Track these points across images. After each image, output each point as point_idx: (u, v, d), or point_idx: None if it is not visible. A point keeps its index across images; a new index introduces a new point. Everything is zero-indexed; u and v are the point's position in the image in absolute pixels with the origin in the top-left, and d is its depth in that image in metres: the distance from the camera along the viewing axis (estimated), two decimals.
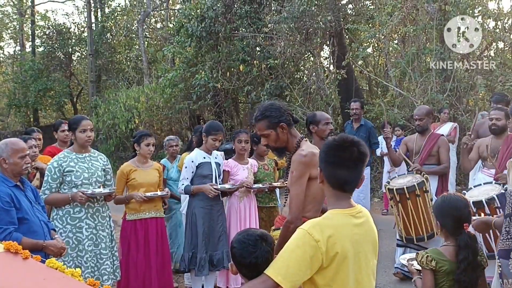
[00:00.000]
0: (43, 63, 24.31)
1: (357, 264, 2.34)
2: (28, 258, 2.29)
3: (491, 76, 11.90)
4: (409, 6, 12.50)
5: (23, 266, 2.25)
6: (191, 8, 15.03)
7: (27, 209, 3.80)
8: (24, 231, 3.67)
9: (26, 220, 3.75)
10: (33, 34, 27.06)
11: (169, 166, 6.58)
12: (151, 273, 5.23)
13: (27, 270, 2.24)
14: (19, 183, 3.88)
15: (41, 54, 25.64)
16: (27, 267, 2.26)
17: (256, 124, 3.54)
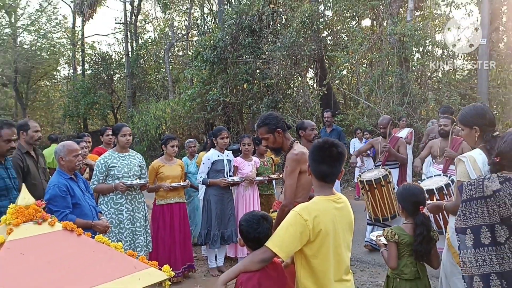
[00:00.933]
0: (90, 83, 24.38)
1: (337, 239, 2.34)
2: (81, 235, 2.29)
3: (439, 92, 11.90)
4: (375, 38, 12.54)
5: (77, 241, 2.25)
6: (205, 40, 15.06)
7: (79, 197, 3.80)
8: (77, 214, 3.68)
9: (78, 205, 3.75)
10: (83, 60, 27.20)
11: (188, 162, 6.58)
12: (176, 246, 5.22)
13: (80, 244, 2.24)
14: (73, 176, 3.87)
15: (89, 76, 25.77)
16: (80, 242, 2.25)
17: (258, 129, 3.55)
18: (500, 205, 2.52)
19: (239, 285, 2.28)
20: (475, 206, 2.60)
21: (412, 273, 3.05)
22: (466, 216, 2.63)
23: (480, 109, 3.05)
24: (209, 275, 5.54)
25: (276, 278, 2.40)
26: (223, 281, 2.29)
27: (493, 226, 2.55)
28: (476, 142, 3.01)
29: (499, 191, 2.53)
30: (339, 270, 2.36)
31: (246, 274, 2.28)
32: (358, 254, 6.09)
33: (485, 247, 2.57)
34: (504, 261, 2.53)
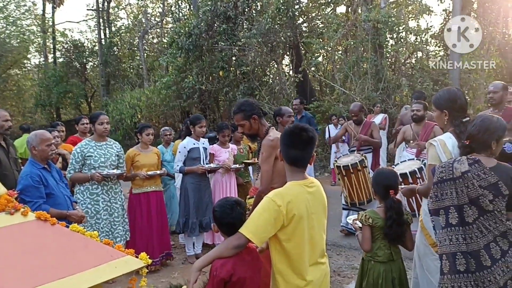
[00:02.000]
0: (63, 71, 23.88)
1: (310, 223, 2.36)
2: (55, 224, 2.25)
3: (412, 78, 12.07)
4: (350, 25, 12.60)
5: (52, 230, 2.22)
6: (180, 27, 14.87)
7: (53, 186, 3.74)
8: (51, 204, 3.62)
9: (52, 195, 3.69)
10: (54, 48, 26.60)
11: (164, 150, 6.54)
12: (153, 234, 5.20)
13: (55, 234, 2.21)
14: (46, 165, 3.80)
15: (61, 64, 25.24)
16: (54, 231, 2.22)
17: (234, 116, 3.55)
18: (468, 186, 2.60)
19: (213, 271, 2.29)
20: (446, 188, 2.67)
21: (386, 256, 3.11)
22: (438, 198, 2.70)
23: (453, 94, 3.12)
24: (187, 263, 5.54)
25: (251, 263, 2.41)
26: (198, 267, 2.29)
27: (462, 206, 2.62)
28: (446, 126, 3.09)
29: (468, 172, 2.60)
30: (314, 254, 2.39)
31: (221, 260, 2.29)
32: (334, 238, 6.19)
33: (452, 227, 2.65)
34: (472, 241, 2.61)
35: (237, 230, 2.29)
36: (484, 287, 2.59)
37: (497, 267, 2.59)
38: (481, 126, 2.66)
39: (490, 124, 2.66)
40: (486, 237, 2.60)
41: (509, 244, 2.64)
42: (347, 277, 4.90)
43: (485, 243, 2.60)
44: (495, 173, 2.60)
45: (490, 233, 2.60)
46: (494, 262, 2.59)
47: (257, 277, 2.45)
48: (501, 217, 2.60)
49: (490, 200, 2.57)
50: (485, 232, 2.60)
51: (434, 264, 3.06)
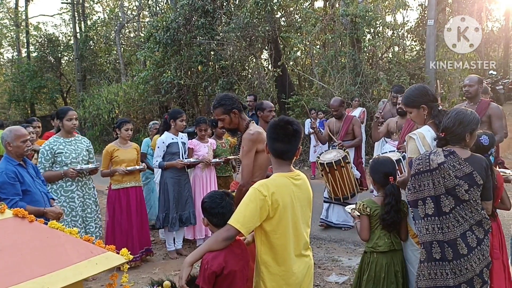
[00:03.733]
0: (37, 66, 23.34)
1: (295, 215, 2.38)
2: (33, 221, 2.21)
3: (390, 72, 12.22)
4: (328, 19, 12.65)
5: (30, 227, 2.18)
6: (158, 21, 14.71)
7: (29, 183, 3.66)
8: (28, 201, 3.55)
9: (29, 192, 3.62)
10: (28, 42, 26.00)
11: (150, 143, 6.48)
12: (133, 230, 5.15)
13: (33, 231, 2.17)
14: (22, 162, 3.72)
15: (35, 58, 24.64)
16: (33, 229, 2.18)
17: (214, 110, 3.53)
18: (444, 176, 2.67)
19: (204, 264, 2.29)
20: (423, 179, 2.74)
21: (387, 245, 3.11)
22: (416, 189, 2.77)
23: (422, 88, 3.20)
24: (168, 258, 5.52)
25: (241, 255, 2.43)
26: (189, 262, 2.29)
27: (438, 197, 2.70)
28: (425, 120, 3.14)
29: (444, 163, 2.68)
30: (298, 245, 2.42)
31: (212, 253, 2.30)
32: (314, 231, 6.22)
33: (429, 217, 2.73)
34: (449, 230, 2.69)
35: (227, 221, 2.30)
36: (461, 274, 2.67)
37: (473, 255, 2.67)
38: (455, 119, 2.73)
39: (464, 117, 2.73)
40: (462, 226, 2.68)
41: (484, 233, 2.72)
42: (327, 270, 4.96)
43: (462, 232, 2.68)
44: (470, 163, 2.68)
45: (466, 222, 2.68)
46: (470, 250, 2.66)
47: (246, 270, 2.48)
48: (477, 206, 2.68)
49: (466, 190, 2.65)
50: (462, 221, 2.68)
51: (414, 255, 3.12)
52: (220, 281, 2.31)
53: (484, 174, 2.70)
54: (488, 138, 3.13)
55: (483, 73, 18.02)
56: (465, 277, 2.67)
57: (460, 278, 2.67)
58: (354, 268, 4.78)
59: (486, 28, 19.66)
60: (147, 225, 5.49)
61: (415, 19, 15.09)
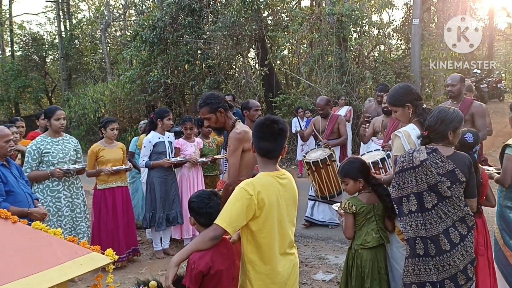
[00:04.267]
0: (21, 65, 22.96)
1: (281, 214, 2.40)
2: (17, 222, 2.19)
3: (376, 70, 12.30)
4: (314, 18, 12.69)
5: (13, 228, 2.15)
6: (144, 19, 14.62)
7: (13, 184, 3.61)
8: (11, 201, 3.49)
9: (12, 192, 3.57)
10: (12, 41, 25.58)
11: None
12: (119, 230, 5.12)
13: (17, 232, 2.15)
14: (5, 162, 3.67)
15: (19, 57, 24.27)
16: (16, 229, 2.16)
17: (200, 109, 3.53)
18: (427, 173, 2.72)
19: (191, 264, 2.29)
20: (406, 176, 2.79)
21: (375, 240, 3.12)
22: (400, 186, 2.82)
23: (406, 87, 3.24)
24: (155, 258, 5.50)
25: (227, 255, 2.44)
26: (176, 262, 2.28)
27: (421, 193, 2.74)
28: (410, 119, 3.17)
29: (426, 160, 2.72)
30: (283, 244, 2.43)
31: (199, 253, 2.30)
32: (301, 229, 6.26)
33: (413, 213, 2.77)
34: (432, 226, 2.73)
35: (214, 221, 2.30)
36: (444, 270, 2.71)
37: (457, 251, 2.71)
38: (438, 118, 2.78)
39: (446, 115, 2.78)
40: (445, 222, 2.72)
41: (468, 229, 2.77)
42: (314, 267, 4.98)
43: (444, 228, 2.72)
44: (452, 161, 2.73)
45: (449, 219, 2.72)
46: (453, 246, 2.70)
47: (232, 270, 2.48)
48: (459, 203, 2.72)
49: (448, 186, 2.69)
50: (444, 217, 2.72)
51: (399, 252, 3.15)
52: (207, 280, 2.31)
53: (467, 172, 2.75)
54: (473, 136, 3.17)
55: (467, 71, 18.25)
56: (448, 273, 2.71)
57: (443, 274, 2.71)
58: (341, 265, 4.81)
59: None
60: (133, 225, 5.46)
61: (400, 18, 15.21)
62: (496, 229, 3.53)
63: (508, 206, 3.42)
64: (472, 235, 2.81)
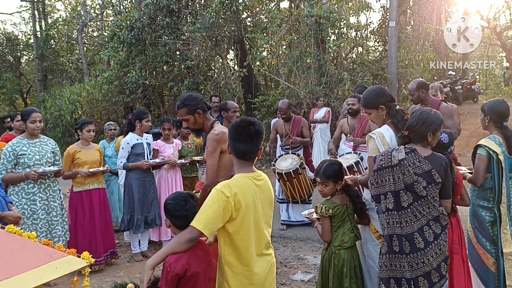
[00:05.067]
0: None
1: (257, 215, 2.40)
2: None
3: (354, 72, 12.44)
4: (293, 19, 12.75)
5: None
6: (122, 20, 14.47)
7: None
8: None
9: None
10: None
11: (106, 145, 6.40)
12: (96, 233, 5.08)
13: None
14: None
15: None
16: None
17: (178, 111, 3.53)
18: (404, 172, 2.77)
19: (167, 267, 2.27)
20: (384, 175, 2.84)
21: (352, 239, 3.19)
22: (378, 184, 2.87)
23: (379, 89, 3.31)
24: (133, 261, 5.46)
25: (204, 257, 2.43)
26: (151, 265, 2.26)
27: (398, 192, 2.80)
28: (384, 120, 3.23)
29: (404, 160, 2.78)
30: (260, 245, 2.44)
31: (175, 256, 2.28)
32: (280, 230, 6.30)
33: (389, 211, 2.82)
34: (407, 224, 2.79)
35: (190, 222, 2.29)
36: (418, 268, 2.77)
37: (430, 249, 2.77)
38: (419, 119, 2.83)
39: (427, 117, 2.84)
40: (419, 221, 2.78)
41: (441, 228, 2.83)
42: (293, 268, 5.01)
43: (419, 227, 2.78)
44: (429, 162, 2.79)
45: (424, 217, 2.78)
46: (427, 244, 2.76)
47: (208, 271, 2.47)
48: (434, 203, 2.79)
49: (424, 186, 2.75)
50: (419, 216, 2.78)
51: (375, 250, 3.20)
52: (183, 283, 2.30)
53: (443, 173, 2.81)
54: (448, 136, 3.25)
55: (443, 73, 18.62)
56: (422, 271, 2.77)
57: (417, 271, 2.77)
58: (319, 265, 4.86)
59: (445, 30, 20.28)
60: (111, 227, 5.41)
61: (377, 21, 15.43)
62: (470, 227, 3.62)
63: (480, 205, 3.51)
64: (446, 234, 2.87)
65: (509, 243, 3.41)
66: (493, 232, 3.44)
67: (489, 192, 3.45)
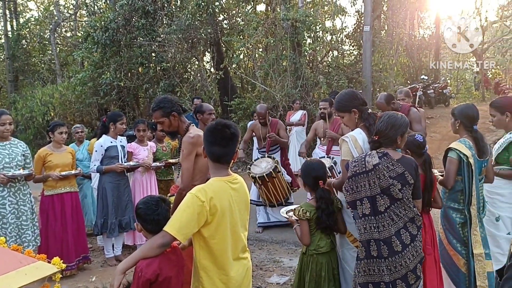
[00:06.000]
0: None
1: (233, 219, 2.39)
2: None
3: (329, 75, 12.58)
4: (269, 23, 12.82)
5: None
6: (96, 20, 14.25)
7: None
8: None
9: None
10: None
11: (76, 149, 6.28)
12: (68, 238, 4.98)
13: None
14: None
15: None
16: None
17: (153, 113, 3.49)
18: (380, 177, 2.81)
19: (138, 272, 2.23)
20: (359, 180, 2.87)
21: (328, 245, 3.22)
22: (354, 190, 2.89)
23: (351, 92, 3.35)
24: (106, 266, 5.37)
25: (176, 261, 2.41)
26: (122, 269, 2.22)
27: (374, 197, 2.83)
28: (357, 123, 3.27)
29: (378, 164, 2.82)
30: (236, 249, 2.43)
31: (146, 260, 2.25)
32: (256, 233, 6.30)
33: (366, 216, 2.86)
34: (385, 228, 2.83)
35: (162, 227, 2.26)
36: (396, 271, 2.81)
37: (408, 251, 2.82)
38: (388, 123, 2.89)
39: (395, 120, 2.90)
40: (396, 224, 2.83)
41: (417, 229, 2.89)
42: (269, 271, 5.02)
43: (396, 230, 2.83)
44: (401, 164, 2.84)
45: (401, 220, 2.83)
46: (404, 247, 2.81)
47: (181, 276, 2.45)
48: (409, 204, 2.85)
49: (399, 189, 2.80)
50: (396, 219, 2.83)
51: (350, 254, 3.24)
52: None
53: (414, 174, 2.88)
54: (421, 136, 3.34)
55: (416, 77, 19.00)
56: (399, 274, 2.81)
57: (395, 275, 2.81)
58: (295, 268, 4.86)
59: (418, 35, 20.72)
60: (83, 231, 5.32)
61: (352, 25, 15.66)
62: (441, 229, 3.69)
63: (451, 207, 3.58)
64: (421, 234, 2.94)
65: (479, 244, 3.49)
66: (464, 234, 3.52)
67: (460, 194, 3.52)
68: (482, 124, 8.62)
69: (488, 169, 3.60)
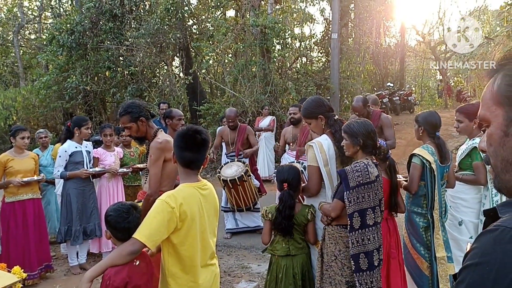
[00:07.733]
0: None
1: (202, 225, 2.38)
2: None
3: (298, 82, 12.71)
4: (239, 28, 12.86)
5: None
6: (61, 23, 13.94)
7: None
8: None
9: None
10: None
11: (40, 154, 6.11)
12: (30, 246, 4.83)
13: None
14: None
15: None
16: None
17: (120, 118, 3.45)
18: (378, 188, 2.87)
19: (106, 280, 2.19)
20: (363, 191, 2.81)
21: (283, 250, 3.22)
22: (355, 201, 2.82)
23: (318, 99, 3.40)
24: (70, 274, 5.23)
25: (145, 269, 2.38)
26: (89, 277, 2.17)
27: (374, 208, 2.85)
28: (324, 130, 3.31)
29: (379, 176, 2.88)
30: (205, 255, 2.42)
31: (114, 268, 2.21)
32: (224, 239, 6.28)
33: (369, 227, 2.84)
34: (379, 238, 2.89)
35: (132, 235, 2.23)
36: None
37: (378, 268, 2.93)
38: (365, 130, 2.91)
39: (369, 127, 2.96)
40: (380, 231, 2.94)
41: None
42: (237, 277, 5.00)
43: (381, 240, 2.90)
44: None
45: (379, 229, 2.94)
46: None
47: (150, 283, 2.42)
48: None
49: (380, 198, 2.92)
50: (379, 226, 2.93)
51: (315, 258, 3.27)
52: None
53: None
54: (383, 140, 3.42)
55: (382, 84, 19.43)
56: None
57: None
58: (263, 274, 4.88)
59: (384, 43, 21.22)
60: (46, 239, 5.17)
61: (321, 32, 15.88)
62: (405, 233, 3.77)
63: (415, 211, 3.67)
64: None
65: (442, 248, 3.58)
66: (427, 238, 3.60)
67: (423, 199, 3.61)
68: (444, 130, 8.88)
69: (449, 174, 3.71)
